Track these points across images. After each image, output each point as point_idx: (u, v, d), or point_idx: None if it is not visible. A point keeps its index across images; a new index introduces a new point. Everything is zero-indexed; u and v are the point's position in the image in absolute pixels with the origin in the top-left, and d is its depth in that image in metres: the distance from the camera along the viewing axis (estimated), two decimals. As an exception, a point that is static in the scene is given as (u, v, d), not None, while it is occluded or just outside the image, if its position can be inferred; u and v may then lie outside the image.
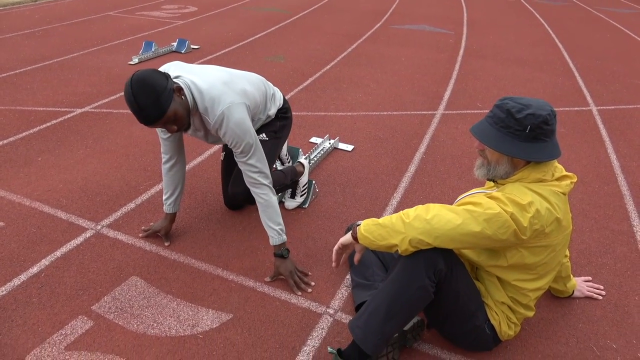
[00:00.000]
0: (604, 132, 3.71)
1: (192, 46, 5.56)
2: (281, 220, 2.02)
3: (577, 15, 8.51)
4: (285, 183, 2.45)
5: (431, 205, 1.46)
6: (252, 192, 1.99)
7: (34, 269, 2.09)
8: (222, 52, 5.52)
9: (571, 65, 5.45)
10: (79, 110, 3.80)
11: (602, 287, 2.09)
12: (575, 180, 1.54)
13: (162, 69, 1.93)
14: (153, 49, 5.18)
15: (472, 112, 4.02)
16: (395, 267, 1.50)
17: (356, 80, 4.69)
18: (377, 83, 4.64)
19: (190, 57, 5.26)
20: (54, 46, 5.56)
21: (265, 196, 1.98)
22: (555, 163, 1.55)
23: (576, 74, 5.11)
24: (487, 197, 1.45)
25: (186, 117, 1.81)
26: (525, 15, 8.44)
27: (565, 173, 1.53)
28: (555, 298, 2.02)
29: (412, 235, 1.41)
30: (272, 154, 2.29)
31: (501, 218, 1.38)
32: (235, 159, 1.96)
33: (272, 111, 2.25)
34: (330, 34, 6.54)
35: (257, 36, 6.30)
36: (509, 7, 9.12)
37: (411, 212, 1.45)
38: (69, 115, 3.70)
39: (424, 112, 3.97)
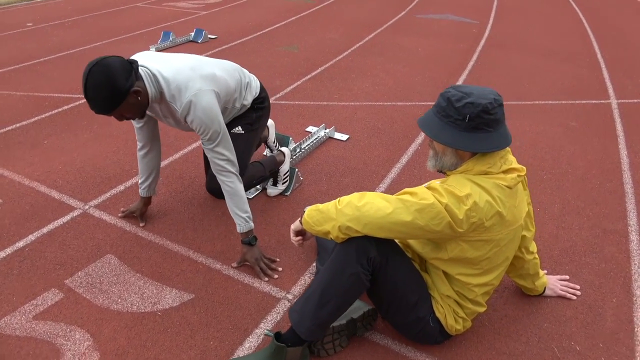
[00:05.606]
0: (619, 126, 3.51)
1: (209, 36, 5.66)
2: (248, 208, 2.04)
3: (616, 2, 8.02)
4: (263, 175, 2.45)
5: (367, 193, 1.44)
6: (218, 179, 2.01)
7: (20, 244, 2.23)
8: (238, 41, 5.59)
9: (599, 56, 5.17)
10: (91, 97, 3.97)
11: (578, 287, 2.00)
12: (523, 173, 1.48)
13: (133, 57, 1.94)
14: (171, 39, 5.32)
15: (479, 104, 3.89)
16: (331, 254, 1.50)
17: (366, 70, 4.64)
18: (386, 73, 4.58)
19: (206, 46, 5.36)
20: (79, 36, 5.81)
21: (231, 184, 2.00)
22: (507, 155, 1.49)
23: (602, 66, 4.84)
24: (427, 187, 1.43)
25: (138, 112, 1.83)
26: (561, 3, 8.04)
27: (514, 166, 1.48)
28: (525, 296, 1.96)
29: (341, 222, 1.40)
30: (249, 146, 2.31)
31: (434, 209, 1.35)
32: (203, 146, 1.99)
33: (248, 100, 2.25)
34: (350, 24, 6.48)
35: (275, 26, 6.33)
36: (545, -4, 8.72)
37: (345, 199, 1.44)
38: (81, 101, 3.87)
39: (429, 103, 3.89)
